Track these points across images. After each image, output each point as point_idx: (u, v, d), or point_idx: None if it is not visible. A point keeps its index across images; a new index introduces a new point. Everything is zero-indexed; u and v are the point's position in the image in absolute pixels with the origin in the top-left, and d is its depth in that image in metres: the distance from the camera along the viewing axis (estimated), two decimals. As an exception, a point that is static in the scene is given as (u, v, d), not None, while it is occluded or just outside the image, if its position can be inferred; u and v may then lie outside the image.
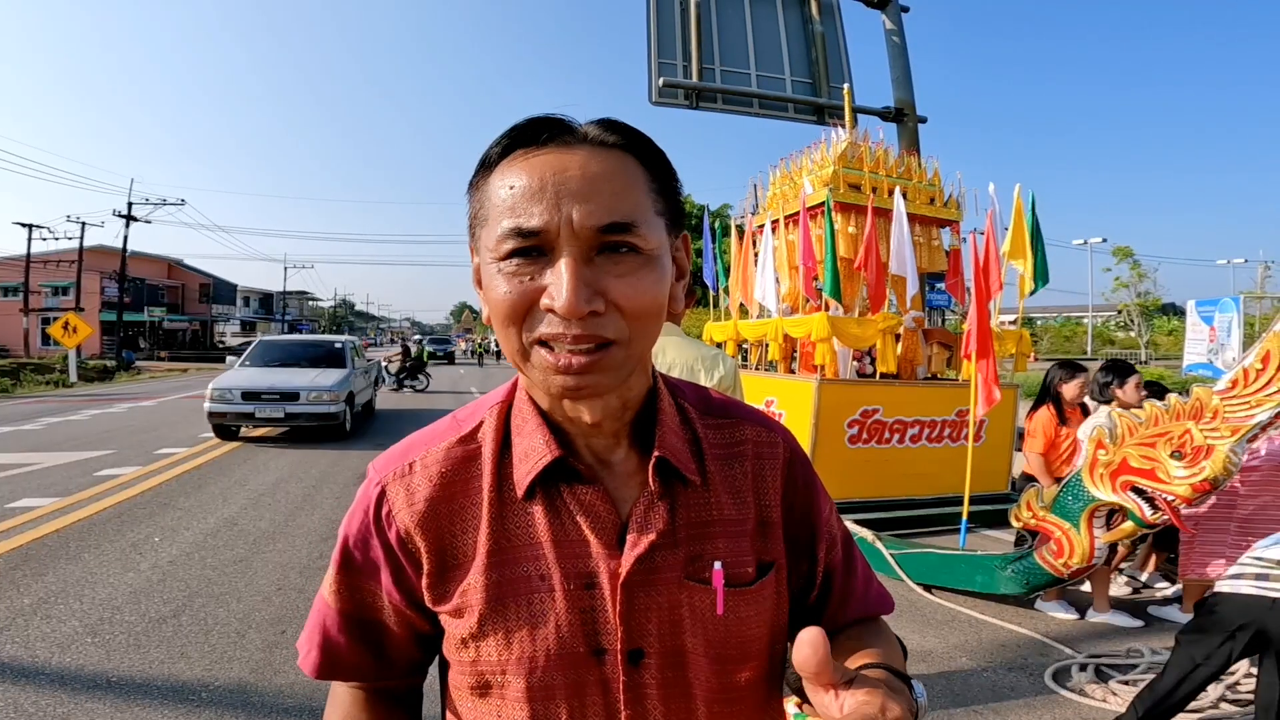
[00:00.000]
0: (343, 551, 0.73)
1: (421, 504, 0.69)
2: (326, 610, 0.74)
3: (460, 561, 0.68)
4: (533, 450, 0.68)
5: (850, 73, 9.60)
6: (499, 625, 0.66)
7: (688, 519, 0.70)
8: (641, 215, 0.61)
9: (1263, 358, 2.72)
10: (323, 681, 0.76)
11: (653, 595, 0.67)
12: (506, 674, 0.66)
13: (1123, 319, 39.40)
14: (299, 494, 6.59)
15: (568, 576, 0.66)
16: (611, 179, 0.61)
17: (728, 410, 0.79)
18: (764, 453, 0.76)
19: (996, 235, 4.81)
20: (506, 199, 0.61)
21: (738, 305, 7.17)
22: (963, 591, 4.16)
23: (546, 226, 0.59)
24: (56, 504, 5.95)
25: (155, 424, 11.43)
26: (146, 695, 2.95)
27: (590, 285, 0.59)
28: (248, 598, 4.02)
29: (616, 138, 0.63)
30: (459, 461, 0.71)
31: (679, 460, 0.70)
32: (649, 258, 0.62)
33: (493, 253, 0.61)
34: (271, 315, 61.52)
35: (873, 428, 5.61)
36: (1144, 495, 3.06)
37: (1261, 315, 24.05)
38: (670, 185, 0.67)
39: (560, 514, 0.68)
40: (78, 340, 20.76)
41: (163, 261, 45.00)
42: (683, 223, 0.70)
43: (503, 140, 0.64)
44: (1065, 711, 2.94)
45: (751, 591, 0.71)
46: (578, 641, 0.66)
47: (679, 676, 0.68)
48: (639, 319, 0.61)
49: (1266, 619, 2.30)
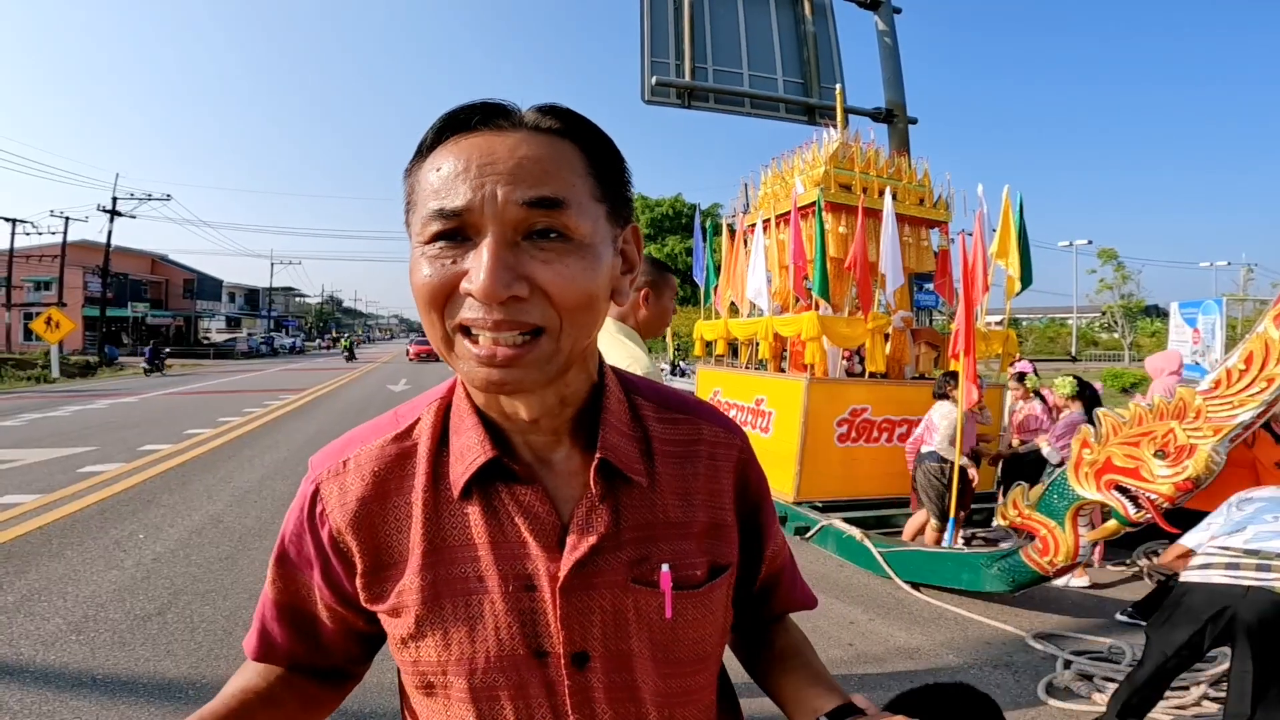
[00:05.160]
0: (280, 546, 0.73)
1: (354, 503, 0.68)
2: (266, 598, 0.75)
3: (395, 561, 0.67)
4: (468, 449, 0.66)
5: (842, 73, 9.64)
6: (436, 626, 0.65)
7: (633, 520, 0.68)
8: (573, 197, 0.58)
9: (1245, 359, 2.76)
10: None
11: (594, 598, 0.65)
12: (448, 674, 0.66)
13: (1106, 320, 39.78)
14: (285, 491, 6.54)
15: (505, 578, 0.65)
16: (542, 160, 0.58)
17: (686, 406, 0.77)
18: (719, 453, 0.75)
19: (984, 236, 4.85)
20: (434, 182, 0.59)
21: (728, 304, 7.19)
22: (949, 589, 4.19)
23: (469, 205, 0.56)
24: (38, 501, 5.87)
25: (138, 420, 11.31)
26: (132, 693, 2.92)
27: (512, 269, 0.56)
28: (234, 595, 3.99)
29: (554, 123, 0.61)
30: (393, 459, 0.69)
31: (622, 461, 0.67)
32: (580, 244, 0.59)
33: (418, 236, 0.59)
34: (257, 312, 61.00)
35: (861, 426, 5.64)
36: (1128, 494, 3.09)
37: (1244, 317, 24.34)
38: (615, 174, 0.64)
39: (498, 514, 0.66)
40: (60, 335, 20.54)
41: (146, 257, 44.48)
42: (629, 214, 0.67)
43: (436, 125, 0.61)
44: (1050, 708, 2.98)
45: (700, 594, 0.69)
46: (517, 643, 0.64)
47: (626, 679, 0.67)
48: (569, 309, 0.59)
49: (1240, 607, 2.35)
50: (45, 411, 12.31)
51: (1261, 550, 2.40)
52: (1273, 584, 2.33)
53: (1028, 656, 3.46)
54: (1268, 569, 2.36)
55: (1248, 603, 2.34)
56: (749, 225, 6.70)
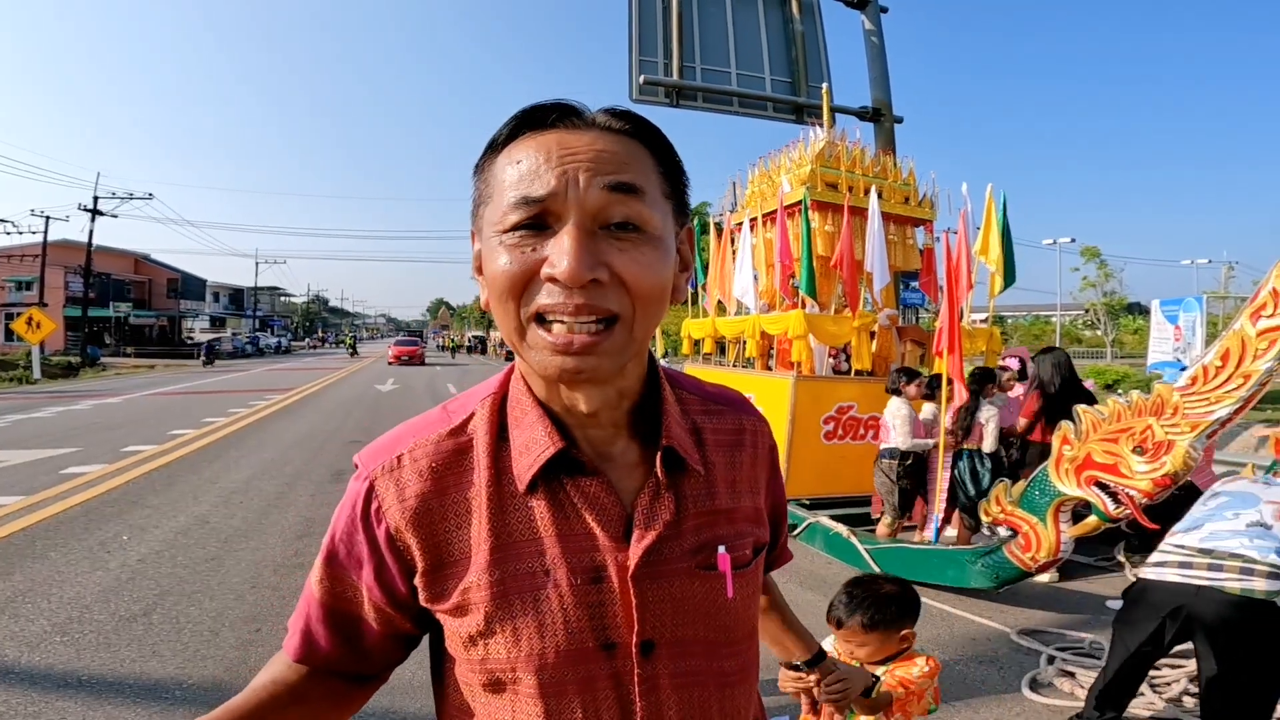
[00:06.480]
0: (330, 544, 0.72)
1: (413, 500, 0.67)
2: (311, 599, 0.73)
3: (457, 559, 0.67)
4: (534, 442, 0.66)
5: (829, 72, 9.69)
6: (506, 623, 0.65)
7: (693, 509, 0.70)
8: (648, 187, 0.61)
9: (1222, 355, 2.79)
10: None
11: (663, 586, 0.67)
12: (517, 671, 0.65)
13: (1090, 318, 40.16)
14: (272, 491, 6.51)
15: (574, 571, 0.65)
16: (618, 154, 0.61)
17: (725, 398, 0.81)
18: (759, 442, 0.80)
19: (968, 234, 4.89)
20: (513, 174, 0.60)
21: (715, 302, 7.21)
22: (935, 585, 4.23)
23: (554, 191, 0.58)
24: (21, 502, 5.81)
25: (121, 421, 11.19)
26: (118, 694, 2.90)
27: (593, 255, 0.58)
28: (220, 596, 3.96)
29: (624, 124, 0.63)
30: (450, 454, 0.69)
31: (685, 450, 0.70)
32: (654, 237, 0.61)
33: (497, 226, 0.61)
34: (242, 311, 60.44)
35: (848, 424, 5.67)
36: (1107, 490, 3.13)
37: (1225, 315, 24.66)
38: (677, 175, 0.67)
39: (564, 507, 0.66)
40: (41, 336, 20.27)
41: (129, 256, 43.92)
42: (688, 214, 0.69)
43: (511, 123, 0.64)
44: (1034, 704, 3.01)
45: (749, 573, 0.73)
46: (586, 637, 0.65)
47: (690, 665, 0.68)
48: (643, 297, 0.60)
49: (1194, 605, 2.35)
50: (28, 413, 12.16)
51: (1215, 550, 2.38)
52: (1223, 584, 2.30)
53: (1012, 652, 3.50)
54: (1219, 569, 2.33)
55: (1200, 601, 2.33)
56: (736, 224, 6.72)
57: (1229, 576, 2.31)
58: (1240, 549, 2.34)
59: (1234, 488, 2.66)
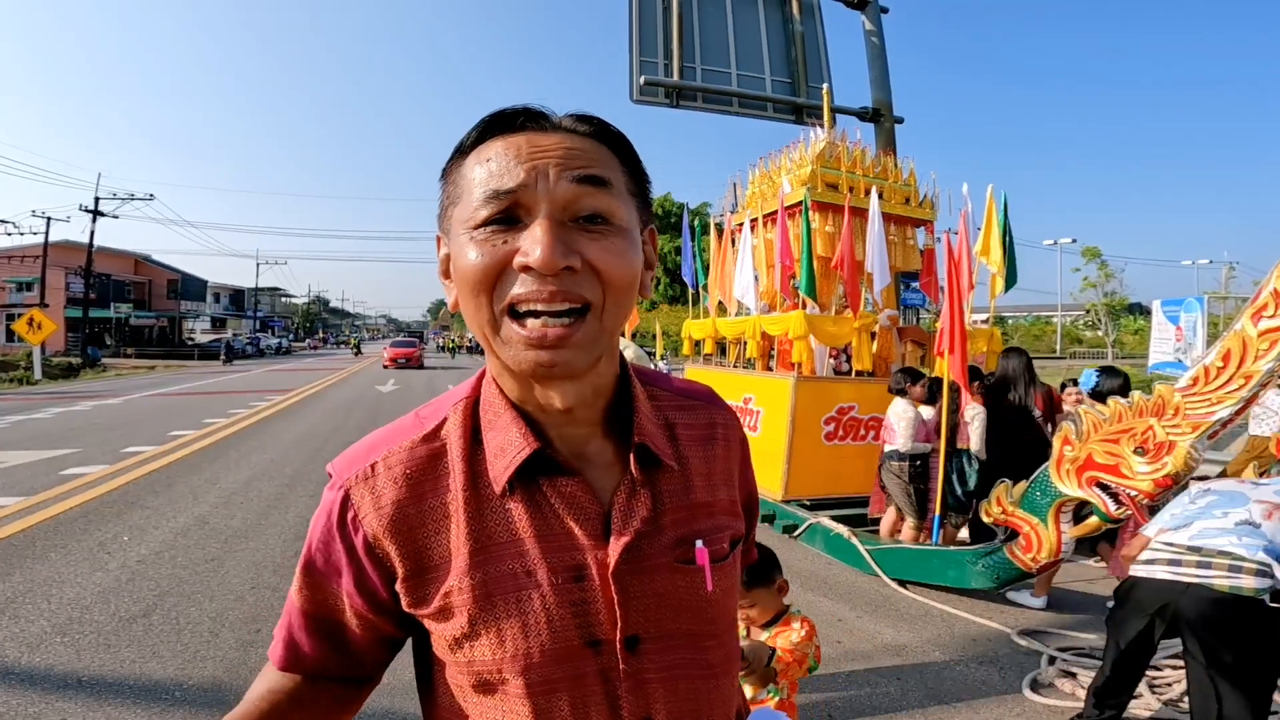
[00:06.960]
0: (307, 553, 0.72)
1: (389, 507, 0.67)
2: (292, 608, 0.73)
3: (437, 564, 0.67)
4: (509, 444, 0.66)
5: (829, 73, 9.68)
6: (490, 625, 0.65)
7: (670, 504, 0.71)
8: (615, 181, 0.63)
9: (1223, 356, 2.79)
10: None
11: (643, 581, 0.67)
12: (503, 672, 0.65)
13: (1091, 318, 40.16)
14: (271, 492, 6.50)
15: (555, 570, 0.65)
16: (586, 151, 0.63)
17: (696, 393, 0.82)
18: (731, 436, 0.81)
19: (969, 235, 4.89)
20: (482, 173, 0.62)
21: (716, 303, 7.21)
22: (936, 586, 4.23)
23: (523, 183, 0.59)
24: (21, 503, 5.81)
25: (122, 422, 11.19)
26: (118, 694, 2.90)
27: (566, 243, 0.59)
28: (220, 596, 3.96)
29: (589, 127, 0.65)
30: (424, 460, 0.69)
31: (658, 446, 0.71)
32: (623, 229, 0.63)
33: (467, 223, 0.61)
34: (243, 312, 60.44)
35: (848, 424, 5.67)
36: (1108, 490, 3.13)
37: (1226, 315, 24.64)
38: (641, 176, 0.69)
39: (541, 508, 0.67)
40: (42, 337, 20.27)
41: (130, 257, 43.93)
42: (650, 217, 0.71)
43: (479, 127, 0.64)
44: (1034, 704, 3.01)
45: (727, 565, 0.74)
46: (571, 635, 0.65)
47: (675, 658, 0.69)
48: (615, 286, 0.61)
49: (1181, 603, 2.37)
50: (28, 413, 12.16)
51: (1203, 548, 2.39)
52: (1211, 581, 2.32)
53: (1013, 653, 3.49)
54: (1208, 566, 2.35)
55: (1188, 599, 2.35)
56: (736, 224, 6.72)
57: (1217, 574, 2.33)
58: (1229, 547, 2.36)
59: (1223, 486, 2.67)
